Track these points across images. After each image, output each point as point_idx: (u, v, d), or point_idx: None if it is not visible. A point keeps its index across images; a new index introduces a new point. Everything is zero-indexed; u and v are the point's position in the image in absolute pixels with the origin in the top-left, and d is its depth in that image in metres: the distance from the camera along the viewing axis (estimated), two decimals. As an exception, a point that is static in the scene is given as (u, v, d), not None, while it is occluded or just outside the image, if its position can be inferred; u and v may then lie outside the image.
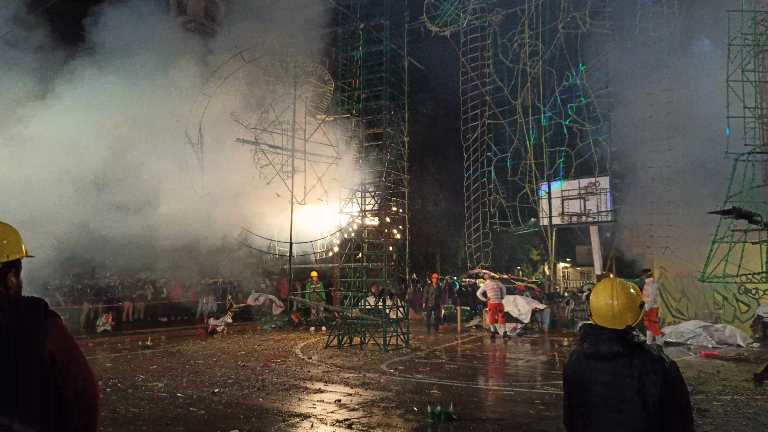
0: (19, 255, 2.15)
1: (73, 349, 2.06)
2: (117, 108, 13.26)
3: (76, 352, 2.08)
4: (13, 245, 2.14)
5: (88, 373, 2.09)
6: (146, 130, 14.17)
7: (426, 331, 18.21)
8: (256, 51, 18.00)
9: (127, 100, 13.42)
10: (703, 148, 14.96)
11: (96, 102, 12.81)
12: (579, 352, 2.78)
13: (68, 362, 2.01)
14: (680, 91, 17.00)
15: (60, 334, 2.02)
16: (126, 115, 13.51)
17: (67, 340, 2.05)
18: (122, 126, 13.43)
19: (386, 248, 14.38)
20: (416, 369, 11.08)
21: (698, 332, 14.44)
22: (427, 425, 7.05)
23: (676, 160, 16.99)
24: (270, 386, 9.40)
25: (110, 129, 13.19)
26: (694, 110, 16.10)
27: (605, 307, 2.71)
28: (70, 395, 2.00)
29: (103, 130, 12.97)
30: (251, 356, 12.72)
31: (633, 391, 2.53)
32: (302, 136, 19.69)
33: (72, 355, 2.04)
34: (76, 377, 2.02)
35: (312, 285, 19.88)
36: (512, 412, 7.75)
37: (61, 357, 1.99)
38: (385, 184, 14.66)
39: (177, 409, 7.86)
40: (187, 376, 10.25)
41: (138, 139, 13.87)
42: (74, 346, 2.08)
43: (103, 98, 12.99)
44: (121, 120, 13.39)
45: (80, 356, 2.09)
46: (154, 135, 14.44)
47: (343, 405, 8.11)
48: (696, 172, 15.69)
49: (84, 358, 2.11)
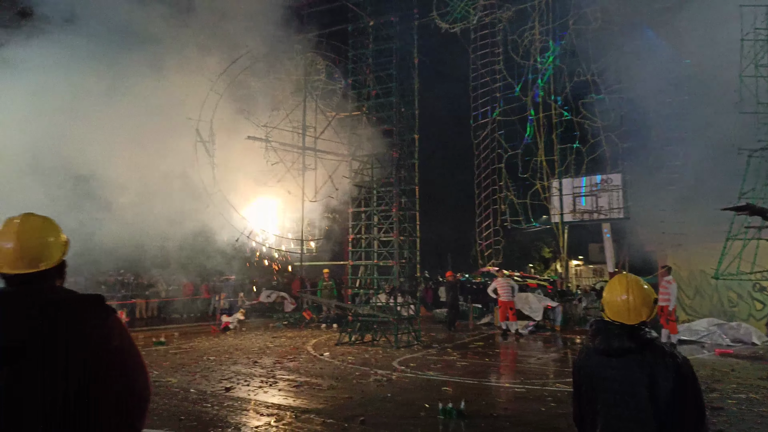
0: (62, 256, 2.12)
1: (126, 346, 2.04)
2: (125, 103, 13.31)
3: (130, 348, 2.06)
4: (55, 247, 2.09)
5: (140, 365, 2.07)
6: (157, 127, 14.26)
7: (440, 329, 18.21)
8: (267, 49, 18.07)
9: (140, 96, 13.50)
10: (716, 145, 14.82)
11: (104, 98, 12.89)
12: (590, 348, 2.78)
13: (119, 358, 1.99)
14: (693, 87, 16.84)
15: (114, 331, 2.00)
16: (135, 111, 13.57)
17: (121, 336, 2.03)
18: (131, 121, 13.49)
19: (397, 246, 14.40)
20: (428, 366, 11.09)
21: (712, 330, 14.32)
22: (438, 422, 7.06)
23: (689, 156, 16.84)
24: (282, 382, 9.46)
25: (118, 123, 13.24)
26: (706, 106, 15.94)
27: (620, 302, 2.71)
28: (119, 392, 1.98)
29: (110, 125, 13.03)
30: (263, 353, 12.80)
31: (644, 387, 2.53)
32: (312, 133, 19.75)
33: (124, 351, 2.02)
34: (126, 374, 2.00)
35: (324, 282, 19.95)
36: (524, 409, 7.74)
37: (111, 353, 1.97)
38: (396, 181, 14.66)
39: (190, 404, 7.94)
40: (200, 372, 10.34)
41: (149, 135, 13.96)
42: (128, 342, 2.06)
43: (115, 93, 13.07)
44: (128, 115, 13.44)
45: (133, 353, 2.07)
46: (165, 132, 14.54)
47: (354, 401, 8.15)
48: (709, 169, 15.54)
49: (140, 355, 2.09)
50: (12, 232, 2.01)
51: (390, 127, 15.00)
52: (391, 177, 14.76)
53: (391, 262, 14.41)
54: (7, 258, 1.98)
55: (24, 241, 1.99)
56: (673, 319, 13.67)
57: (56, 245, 2.07)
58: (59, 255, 2.07)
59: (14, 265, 1.98)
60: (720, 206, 12.69)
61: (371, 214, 14.88)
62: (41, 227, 2.06)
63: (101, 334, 1.96)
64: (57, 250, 2.07)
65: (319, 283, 20.54)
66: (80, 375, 1.88)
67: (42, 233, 2.05)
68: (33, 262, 1.99)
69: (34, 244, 2.00)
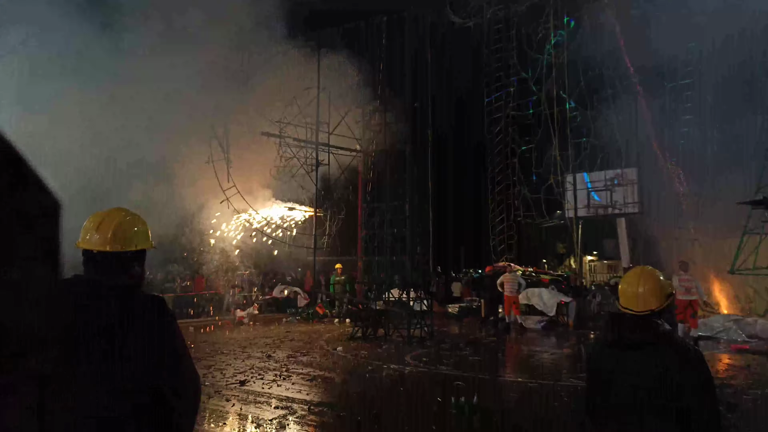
0: (147, 246, 2.25)
1: (182, 351, 2.14)
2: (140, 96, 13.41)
3: (185, 354, 2.15)
4: (142, 235, 2.24)
5: (193, 374, 2.17)
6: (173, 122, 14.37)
7: (453, 323, 18.19)
8: (280, 45, 18.12)
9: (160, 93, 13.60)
10: (733, 138, 14.65)
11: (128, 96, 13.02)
12: (602, 341, 2.78)
13: (173, 362, 2.08)
14: (708, 80, 16.64)
15: (170, 335, 2.10)
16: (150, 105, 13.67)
17: (178, 341, 2.13)
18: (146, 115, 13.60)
19: (410, 241, 14.41)
20: (440, 361, 11.10)
21: (729, 326, 14.17)
22: (451, 416, 7.08)
23: (706, 151, 16.65)
24: (295, 376, 9.53)
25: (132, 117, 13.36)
26: (723, 100, 15.75)
27: (631, 290, 2.72)
28: (171, 393, 2.07)
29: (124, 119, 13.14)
30: (277, 347, 12.90)
31: (657, 381, 2.53)
32: (326, 129, 19.80)
33: (180, 356, 2.12)
34: (179, 378, 2.10)
35: (336, 277, 20.02)
36: (537, 404, 7.73)
37: (167, 357, 2.06)
38: (408, 176, 14.67)
39: (205, 397, 8.00)
40: (214, 365, 10.44)
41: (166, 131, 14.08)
42: (183, 347, 2.15)
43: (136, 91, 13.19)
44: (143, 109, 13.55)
45: (186, 358, 2.16)
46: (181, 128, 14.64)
47: (367, 395, 8.19)
48: (725, 163, 15.36)
49: (191, 360, 2.18)
50: (107, 215, 2.22)
51: (403, 122, 15.00)
52: (404, 172, 14.77)
53: (404, 257, 14.43)
54: (103, 236, 2.16)
55: (117, 224, 2.19)
56: (696, 311, 13.51)
57: (142, 233, 2.27)
58: (144, 243, 2.26)
59: (105, 244, 2.15)
60: (736, 201, 12.56)
61: (384, 209, 14.90)
62: (132, 216, 2.28)
63: (170, 331, 2.11)
64: (143, 237, 2.26)
65: (331, 278, 20.63)
66: (153, 364, 2.04)
67: (132, 221, 2.26)
68: (124, 243, 2.18)
69: (125, 228, 2.20)
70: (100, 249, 2.13)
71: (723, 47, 15.64)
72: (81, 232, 2.19)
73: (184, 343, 2.17)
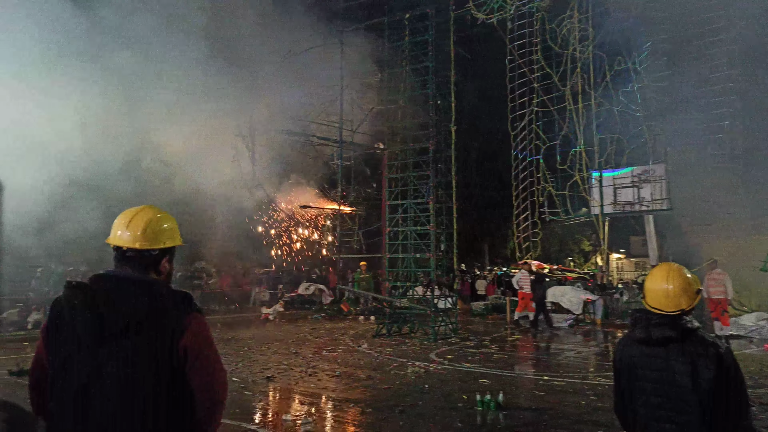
0: (176, 243, 2.31)
1: (207, 347, 2.15)
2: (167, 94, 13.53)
3: (210, 350, 2.17)
4: (171, 233, 2.30)
5: (219, 371, 2.20)
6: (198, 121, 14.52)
7: (478, 321, 18.13)
8: (303, 43, 18.22)
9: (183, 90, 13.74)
10: (763, 134, 14.31)
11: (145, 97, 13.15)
12: (630, 338, 2.76)
13: (200, 358, 2.11)
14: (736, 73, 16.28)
15: (197, 331, 2.12)
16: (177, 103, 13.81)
17: (204, 337, 2.15)
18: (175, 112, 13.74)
19: (434, 238, 14.40)
20: (465, 358, 11.09)
21: (761, 325, 13.88)
22: (476, 413, 7.07)
23: (735, 145, 16.29)
24: (321, 372, 9.61)
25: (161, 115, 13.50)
26: (751, 93, 15.39)
27: (659, 290, 2.68)
28: (197, 389, 2.11)
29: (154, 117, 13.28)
30: (303, 344, 13.02)
31: (685, 377, 2.50)
32: (349, 127, 19.87)
33: (204, 353, 2.13)
34: (204, 373, 2.12)
35: (361, 274, 20.08)
36: (563, 402, 7.68)
37: (193, 353, 2.09)
38: (432, 173, 14.65)
39: (233, 392, 8.12)
40: (241, 361, 10.59)
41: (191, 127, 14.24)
42: (209, 343, 2.17)
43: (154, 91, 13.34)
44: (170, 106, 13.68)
45: (213, 354, 2.18)
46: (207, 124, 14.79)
47: (392, 392, 8.23)
48: (755, 157, 15.01)
49: (217, 356, 2.21)
50: (137, 213, 2.27)
51: (426, 119, 14.98)
52: (427, 169, 14.76)
53: (428, 255, 14.43)
54: (133, 234, 2.21)
55: (146, 222, 2.24)
56: (726, 309, 13.25)
57: (171, 231, 2.31)
58: (172, 240, 2.30)
59: (134, 242, 2.21)
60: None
61: (408, 207, 14.91)
62: (161, 214, 2.33)
63: (198, 326, 2.14)
64: (172, 235, 2.31)
65: (356, 275, 20.71)
66: (180, 359, 2.08)
67: (162, 219, 2.30)
68: (153, 241, 2.23)
69: (154, 225, 2.25)
70: (129, 246, 2.19)
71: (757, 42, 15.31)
72: (111, 229, 2.24)
73: (210, 340, 2.19)
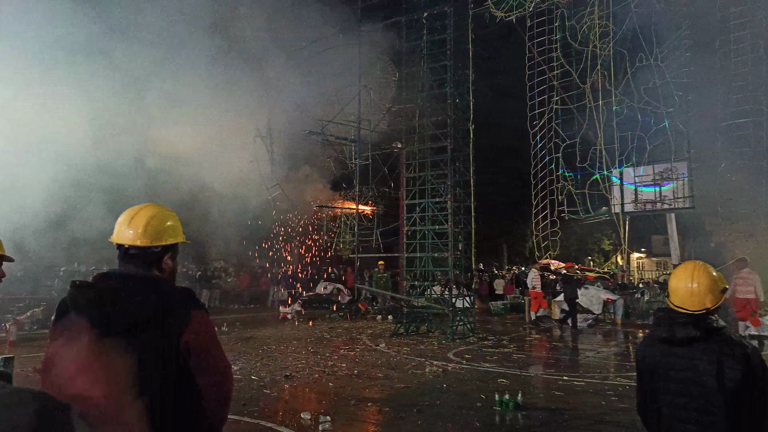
0: (178, 240, 2.32)
1: (210, 343, 2.15)
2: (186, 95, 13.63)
3: (213, 346, 2.16)
4: (173, 230, 2.31)
5: (223, 367, 2.19)
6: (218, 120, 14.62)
7: (496, 321, 18.02)
8: (321, 43, 18.27)
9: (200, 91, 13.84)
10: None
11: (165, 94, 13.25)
12: (653, 337, 2.71)
13: (203, 355, 2.10)
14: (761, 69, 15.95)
15: (200, 328, 2.11)
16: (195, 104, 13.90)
17: (207, 333, 2.14)
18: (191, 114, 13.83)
19: (452, 237, 14.34)
20: (483, 358, 11.03)
21: (786, 324, 13.56)
22: (495, 413, 7.03)
23: (760, 141, 15.97)
24: (339, 372, 9.63)
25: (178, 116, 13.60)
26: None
27: (684, 288, 2.61)
28: (203, 386, 2.09)
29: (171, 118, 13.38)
30: (321, 343, 13.05)
31: (710, 378, 2.45)
32: (367, 126, 19.88)
33: (208, 349, 2.13)
34: (209, 370, 2.12)
35: (379, 274, 20.08)
36: (583, 402, 7.59)
37: (197, 349, 2.08)
38: (450, 172, 14.59)
39: (252, 391, 8.20)
40: (260, 360, 10.65)
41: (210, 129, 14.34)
42: (212, 339, 2.16)
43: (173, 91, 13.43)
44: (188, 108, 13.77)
45: (217, 350, 2.17)
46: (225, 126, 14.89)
47: (410, 391, 8.21)
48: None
49: (221, 352, 2.19)
50: (138, 211, 2.27)
51: (444, 117, 14.93)
52: (445, 168, 14.71)
53: (446, 254, 14.38)
54: (135, 231, 2.22)
55: (148, 219, 2.25)
56: (756, 309, 12.97)
57: (173, 229, 2.32)
58: (174, 237, 2.31)
59: (136, 239, 2.21)
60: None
61: (425, 206, 14.87)
62: (163, 211, 2.33)
63: (200, 322, 2.12)
64: (174, 232, 2.32)
65: (374, 274, 20.71)
66: (183, 356, 2.06)
67: (164, 216, 2.31)
68: (154, 238, 2.23)
69: (156, 223, 2.26)
70: (132, 243, 2.20)
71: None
72: (115, 227, 2.25)
73: (213, 336, 2.18)
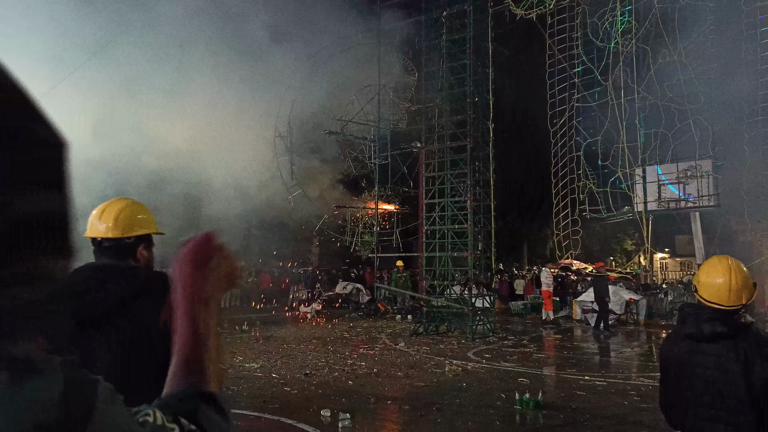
0: (150, 230, 2.40)
1: None
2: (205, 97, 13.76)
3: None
4: (144, 221, 2.40)
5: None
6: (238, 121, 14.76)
7: (517, 321, 17.90)
8: (340, 44, 18.34)
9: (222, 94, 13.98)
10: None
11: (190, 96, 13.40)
12: (678, 333, 2.66)
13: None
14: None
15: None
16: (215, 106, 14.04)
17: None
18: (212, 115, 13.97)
19: (471, 237, 14.28)
20: (503, 357, 10.96)
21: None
22: (515, 412, 6.98)
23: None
24: (359, 370, 9.64)
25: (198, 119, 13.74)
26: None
27: (719, 283, 2.52)
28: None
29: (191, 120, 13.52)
30: (340, 342, 13.08)
31: (737, 375, 2.39)
32: (387, 126, 19.90)
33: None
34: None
35: (398, 273, 20.07)
36: (604, 402, 7.50)
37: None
38: (469, 172, 14.53)
39: (272, 388, 8.25)
40: (280, 358, 10.71)
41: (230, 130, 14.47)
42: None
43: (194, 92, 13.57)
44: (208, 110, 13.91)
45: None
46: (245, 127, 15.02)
47: (430, 390, 8.19)
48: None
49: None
50: (108, 205, 2.36)
51: (464, 117, 14.87)
52: (465, 167, 14.65)
53: (465, 254, 14.31)
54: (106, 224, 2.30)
55: (117, 212, 2.33)
56: None
57: (145, 220, 2.40)
58: (146, 228, 2.39)
59: (108, 231, 2.30)
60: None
61: (445, 205, 14.82)
62: (134, 204, 2.42)
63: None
64: (146, 223, 2.40)
65: (393, 274, 20.71)
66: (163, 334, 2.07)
67: (134, 209, 2.39)
68: (125, 229, 2.31)
69: (126, 215, 2.34)
70: (104, 236, 2.29)
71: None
72: (87, 223, 2.34)
73: None
